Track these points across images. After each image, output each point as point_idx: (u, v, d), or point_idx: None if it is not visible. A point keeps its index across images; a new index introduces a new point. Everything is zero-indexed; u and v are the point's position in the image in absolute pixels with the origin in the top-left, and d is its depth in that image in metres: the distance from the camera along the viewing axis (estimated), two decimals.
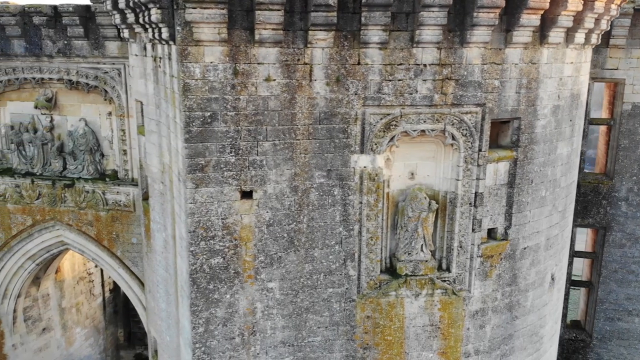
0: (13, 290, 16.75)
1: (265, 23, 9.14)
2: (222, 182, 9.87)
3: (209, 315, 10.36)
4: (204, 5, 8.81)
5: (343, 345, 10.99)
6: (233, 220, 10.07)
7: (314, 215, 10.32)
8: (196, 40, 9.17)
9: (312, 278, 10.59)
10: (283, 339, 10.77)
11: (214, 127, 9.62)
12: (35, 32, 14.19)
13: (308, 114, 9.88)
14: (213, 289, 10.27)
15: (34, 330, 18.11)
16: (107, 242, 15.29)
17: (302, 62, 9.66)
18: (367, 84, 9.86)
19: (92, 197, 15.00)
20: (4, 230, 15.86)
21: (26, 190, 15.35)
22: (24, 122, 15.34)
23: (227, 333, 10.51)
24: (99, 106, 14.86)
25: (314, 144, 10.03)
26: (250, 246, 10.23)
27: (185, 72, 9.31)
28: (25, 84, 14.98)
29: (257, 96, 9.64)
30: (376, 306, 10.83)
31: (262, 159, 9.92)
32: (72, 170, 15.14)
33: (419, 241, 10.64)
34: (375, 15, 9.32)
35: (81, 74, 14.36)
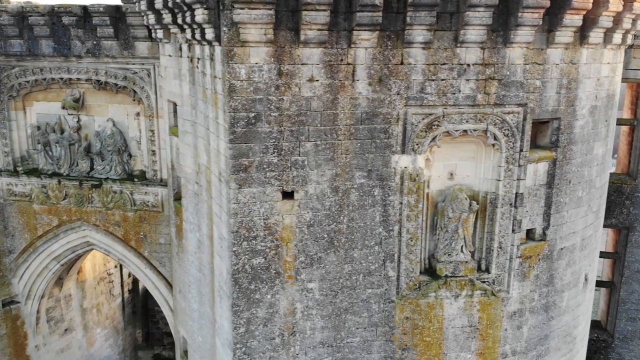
0: (37, 291, 16.71)
1: (311, 23, 9.11)
2: (264, 183, 9.84)
3: (250, 316, 10.34)
4: (252, 5, 8.78)
5: (381, 346, 10.96)
6: (275, 220, 10.04)
7: (354, 215, 10.30)
8: (242, 41, 9.14)
9: (351, 279, 10.57)
10: (322, 340, 10.74)
11: (257, 128, 9.59)
12: (64, 32, 14.15)
13: (350, 114, 9.85)
14: (254, 289, 10.24)
15: (57, 331, 18.08)
16: (135, 242, 15.26)
17: (345, 63, 9.63)
18: (410, 84, 9.83)
19: (119, 198, 14.97)
20: (30, 231, 15.82)
21: (52, 190, 15.31)
22: (50, 123, 15.31)
23: (267, 333, 10.48)
24: (127, 106, 14.83)
25: (355, 144, 10.01)
26: (291, 246, 10.21)
27: (231, 73, 9.29)
28: (52, 84, 14.94)
29: (300, 97, 9.62)
30: (415, 307, 10.80)
31: (303, 160, 9.89)
32: (100, 170, 15.10)
33: (459, 242, 10.62)
34: (421, 15, 9.29)
35: (110, 74, 14.33)
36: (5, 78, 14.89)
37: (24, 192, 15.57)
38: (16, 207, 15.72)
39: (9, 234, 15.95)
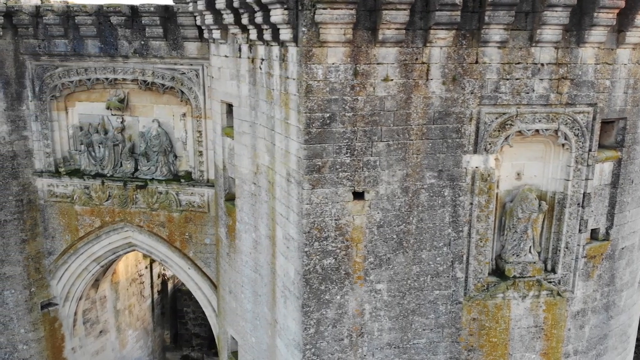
0: (75, 293, 16.54)
1: (390, 23, 9.01)
2: (336, 183, 9.73)
3: (320, 316, 10.22)
4: (335, 5, 8.68)
5: (447, 347, 10.87)
6: (345, 221, 9.93)
7: (423, 216, 10.20)
8: (322, 41, 9.03)
9: (419, 280, 10.47)
10: (389, 341, 10.63)
11: (332, 128, 9.48)
12: (111, 32, 13.99)
13: (423, 113, 9.76)
14: (324, 289, 10.13)
15: (92, 333, 17.90)
16: (180, 243, 15.11)
17: (420, 62, 9.54)
18: (484, 83, 9.75)
19: (165, 198, 14.82)
20: (71, 232, 15.65)
21: (96, 191, 15.14)
22: (93, 123, 15.14)
23: (336, 334, 10.37)
24: (173, 107, 14.69)
25: (427, 144, 9.92)
26: (361, 247, 10.10)
27: (308, 74, 9.17)
28: (96, 85, 14.78)
29: (375, 96, 9.51)
30: (483, 308, 10.71)
31: (375, 160, 9.79)
32: (145, 171, 14.94)
33: (527, 242, 10.54)
34: (499, 15, 9.21)
35: (157, 74, 14.18)
36: (48, 78, 14.71)
37: (65, 193, 15.39)
38: (57, 208, 15.54)
39: (49, 235, 15.76)
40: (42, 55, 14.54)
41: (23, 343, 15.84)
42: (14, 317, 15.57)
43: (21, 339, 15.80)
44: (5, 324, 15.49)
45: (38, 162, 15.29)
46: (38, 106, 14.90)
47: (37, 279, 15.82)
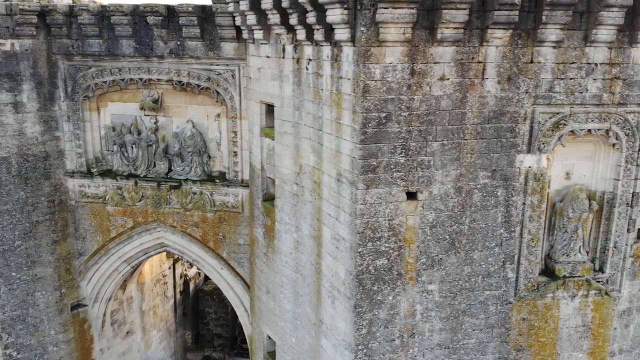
0: (105, 294, 16.36)
1: (449, 22, 8.91)
2: (390, 183, 9.61)
3: (372, 317, 10.10)
4: (397, 5, 8.57)
5: (496, 348, 10.77)
6: (399, 221, 9.81)
7: (476, 216, 10.10)
8: (380, 41, 8.92)
9: (470, 280, 10.36)
10: (439, 341, 10.52)
11: (387, 128, 9.36)
12: (147, 32, 13.82)
13: (477, 113, 9.66)
14: (377, 290, 10.01)
15: (119, 333, 17.72)
16: (213, 243, 14.96)
17: (476, 61, 9.44)
18: (539, 83, 9.67)
19: (199, 199, 14.67)
20: (102, 233, 15.47)
21: (128, 192, 14.97)
22: (125, 124, 14.97)
23: (388, 335, 10.25)
24: (207, 108, 14.54)
25: (481, 144, 9.81)
26: (414, 248, 9.99)
27: (366, 74, 9.05)
28: (129, 85, 14.60)
29: (430, 95, 9.41)
30: (532, 308, 10.62)
31: (430, 160, 9.67)
32: (179, 171, 14.78)
33: (577, 242, 10.46)
34: (557, 15, 9.12)
35: (193, 75, 14.02)
36: (81, 78, 14.53)
37: (97, 194, 15.21)
38: (88, 209, 15.36)
39: (79, 236, 15.58)
40: (75, 55, 14.35)
41: (53, 345, 15.64)
42: (45, 319, 15.37)
43: (51, 341, 15.60)
44: (36, 325, 15.29)
45: (69, 163, 15.10)
46: (70, 106, 14.71)
47: (67, 280, 15.63)
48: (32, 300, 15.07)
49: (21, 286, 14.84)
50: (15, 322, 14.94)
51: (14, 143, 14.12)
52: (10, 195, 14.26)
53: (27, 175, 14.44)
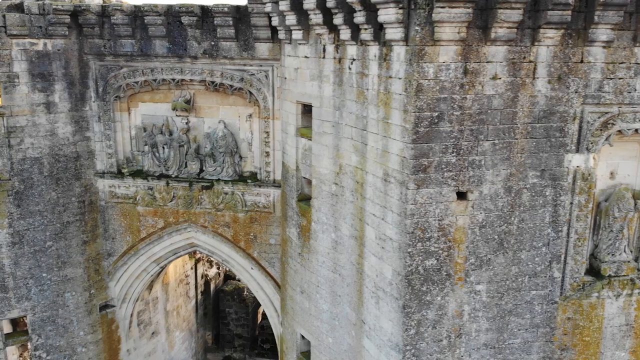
0: (133, 294, 16.18)
1: (504, 21, 8.79)
2: (441, 183, 9.48)
3: (421, 317, 9.96)
4: (454, 4, 8.44)
5: (541, 347, 10.65)
6: (448, 221, 9.68)
7: (524, 216, 9.98)
8: (435, 40, 8.79)
9: (517, 280, 10.24)
10: (486, 341, 10.40)
11: (439, 128, 9.24)
12: (180, 32, 13.66)
13: (528, 112, 9.55)
14: (426, 290, 9.87)
15: (145, 334, 17.54)
16: (244, 243, 14.81)
17: (527, 60, 9.33)
18: (588, 82, 9.56)
19: (231, 199, 14.52)
20: (132, 233, 15.29)
21: (160, 192, 14.80)
22: (156, 124, 14.81)
23: (435, 335, 10.11)
24: (239, 108, 14.39)
25: (531, 143, 9.70)
26: (463, 248, 9.86)
27: (419, 73, 8.92)
28: (161, 86, 14.44)
29: (483, 95, 9.29)
30: (577, 308, 10.51)
31: (480, 159, 9.55)
32: (211, 172, 14.62)
33: (623, 242, 10.36)
34: (608, 15, 9.02)
35: (226, 75, 13.86)
36: (113, 78, 14.36)
37: (127, 194, 15.04)
38: (118, 209, 15.18)
39: (109, 236, 15.40)
40: (107, 55, 14.17)
41: (82, 346, 15.44)
42: (74, 320, 15.17)
43: (80, 342, 15.39)
44: (65, 326, 15.08)
45: (100, 163, 14.92)
46: (101, 107, 14.53)
47: (96, 280, 15.44)
48: (62, 301, 14.87)
49: (51, 287, 14.64)
50: (45, 323, 14.74)
51: (46, 143, 13.93)
52: (41, 196, 14.07)
53: (58, 175, 14.25)
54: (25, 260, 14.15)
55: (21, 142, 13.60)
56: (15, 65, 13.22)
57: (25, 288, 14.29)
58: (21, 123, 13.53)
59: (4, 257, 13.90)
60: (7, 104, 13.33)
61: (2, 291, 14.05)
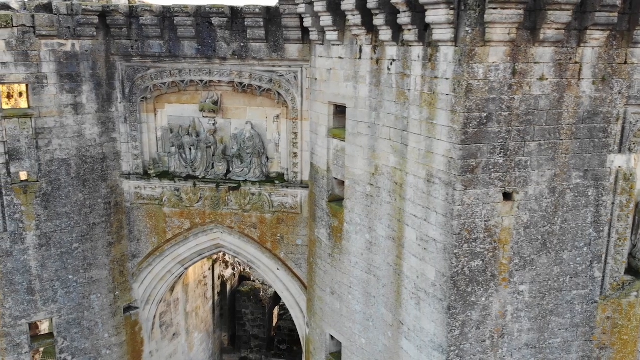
0: (157, 296, 15.96)
1: (553, 23, 8.73)
2: (488, 184, 9.39)
3: (465, 318, 9.87)
4: (506, 5, 8.36)
5: (580, 346, 10.59)
6: (494, 222, 9.59)
7: (567, 216, 9.92)
8: (486, 41, 8.70)
9: (558, 280, 10.18)
10: (527, 341, 10.32)
11: (487, 128, 9.15)
12: (209, 33, 13.48)
13: (573, 113, 9.49)
14: (471, 292, 9.78)
15: (167, 336, 17.33)
16: (271, 244, 14.64)
17: (573, 62, 9.27)
18: (632, 83, 9.54)
19: (258, 200, 14.35)
20: (158, 235, 15.08)
21: (187, 193, 14.61)
22: (183, 125, 14.61)
23: (479, 336, 10.02)
24: (266, 109, 14.23)
25: (575, 144, 9.65)
26: (507, 249, 9.77)
27: (469, 73, 8.83)
28: (188, 87, 14.25)
29: (530, 95, 9.21)
30: (617, 307, 10.47)
31: (527, 160, 9.48)
32: (238, 173, 14.45)
33: None
34: None
35: (255, 76, 13.70)
36: (140, 80, 14.15)
37: (153, 195, 14.83)
38: (144, 210, 14.96)
39: (134, 238, 15.18)
40: (134, 56, 13.96)
41: (106, 348, 15.21)
42: (99, 322, 14.93)
43: (105, 344, 15.16)
44: (90, 328, 14.84)
45: (125, 164, 14.70)
46: (127, 108, 14.32)
47: (121, 282, 15.21)
48: (87, 304, 14.64)
49: (77, 289, 14.40)
50: (70, 326, 14.50)
51: (73, 145, 13.70)
52: (69, 198, 13.83)
53: (85, 177, 14.01)
54: (52, 262, 13.91)
55: (49, 143, 13.36)
56: (44, 66, 12.98)
57: (51, 290, 14.04)
58: (49, 124, 13.29)
59: (31, 259, 13.64)
60: (36, 105, 13.09)
61: (29, 294, 13.79)
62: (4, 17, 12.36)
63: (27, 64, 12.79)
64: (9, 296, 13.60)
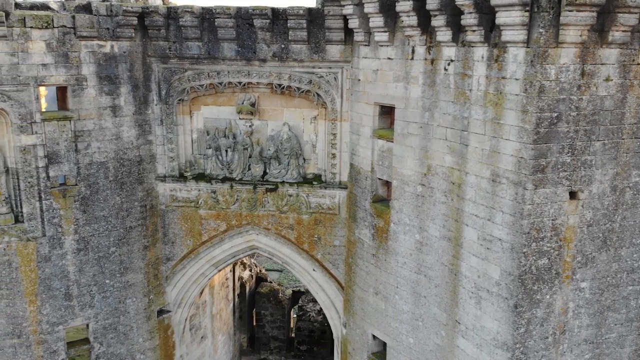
0: (189, 299, 15.66)
1: (622, 25, 8.80)
2: (556, 183, 9.40)
3: (530, 316, 9.86)
4: (581, 8, 8.37)
5: (634, 340, 10.70)
6: (561, 221, 9.61)
7: (626, 214, 10.00)
8: (558, 42, 8.71)
9: (616, 277, 10.25)
10: (586, 337, 10.38)
11: (557, 128, 9.16)
12: (249, 34, 13.26)
13: (634, 113, 9.58)
14: (536, 289, 9.78)
15: (196, 339, 17.02)
16: (308, 245, 14.48)
17: (636, 63, 9.34)
18: None
19: (295, 201, 14.18)
20: (193, 237, 14.78)
21: (223, 195, 14.36)
22: (219, 127, 14.36)
23: (542, 333, 10.03)
24: (303, 110, 14.07)
25: (635, 143, 9.74)
26: (571, 247, 9.80)
27: (542, 74, 8.83)
28: (226, 89, 14.00)
29: (596, 96, 9.25)
30: None
31: (592, 159, 9.52)
32: (275, 174, 14.25)
33: None
34: None
35: (294, 78, 13.51)
36: (177, 81, 13.85)
37: (188, 198, 14.54)
38: (179, 213, 14.65)
39: (168, 241, 14.86)
40: (171, 57, 13.66)
41: (141, 353, 14.85)
42: (134, 326, 14.57)
43: (139, 349, 14.80)
44: (126, 333, 14.46)
45: (161, 167, 14.37)
46: (164, 110, 14.00)
47: (155, 285, 14.87)
48: (123, 308, 14.26)
49: (114, 294, 14.02)
50: (107, 331, 14.11)
51: (111, 147, 13.34)
52: (107, 201, 13.45)
53: (122, 180, 13.66)
54: (89, 267, 13.52)
55: (88, 146, 12.98)
56: (84, 67, 12.60)
57: (88, 295, 13.64)
58: (88, 127, 12.91)
59: (69, 264, 13.23)
60: (75, 107, 12.70)
61: (66, 299, 13.37)
62: (45, 17, 11.97)
63: (67, 65, 12.41)
64: (46, 302, 13.17)
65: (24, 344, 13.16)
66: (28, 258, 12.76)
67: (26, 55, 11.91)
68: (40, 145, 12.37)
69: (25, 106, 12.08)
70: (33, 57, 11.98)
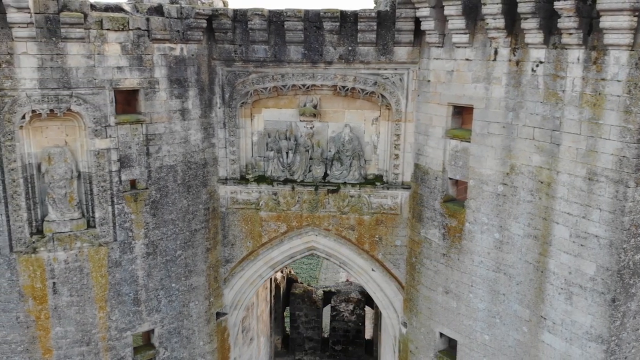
0: (245, 301, 15.41)
1: None
2: None
3: (625, 309, 10.00)
4: None
5: None
6: None
7: None
8: None
9: None
10: None
11: None
12: (316, 37, 13.11)
13: None
14: (632, 283, 9.92)
15: (246, 341, 16.77)
16: (368, 245, 14.40)
17: None
18: None
19: (357, 202, 14.09)
20: (253, 239, 14.55)
21: (284, 197, 14.18)
22: (280, 129, 14.18)
23: (635, 324, 10.18)
24: (365, 112, 13.99)
25: None
26: None
27: None
28: (289, 91, 13.83)
29: None
30: None
31: None
32: (337, 175, 14.13)
33: None
34: None
35: (359, 80, 13.42)
36: (240, 85, 13.62)
37: (249, 200, 14.31)
38: (239, 215, 14.41)
39: (228, 243, 14.59)
40: (236, 61, 13.41)
41: (201, 356, 14.54)
42: (196, 330, 14.27)
43: (199, 352, 14.50)
44: (188, 337, 14.15)
45: (222, 170, 14.11)
46: (227, 113, 13.76)
47: (215, 288, 14.59)
48: (187, 312, 13.95)
49: (179, 297, 13.71)
50: (171, 335, 13.78)
51: (180, 151, 13.03)
52: (175, 205, 13.14)
53: (189, 183, 13.37)
54: (157, 271, 13.18)
55: (159, 149, 12.65)
56: (156, 70, 12.29)
57: (155, 300, 13.30)
58: (159, 130, 12.59)
59: (138, 268, 12.88)
60: (147, 110, 12.37)
61: (134, 304, 13.00)
62: (121, 20, 11.62)
63: (141, 68, 12.07)
64: (115, 308, 12.79)
65: (92, 351, 12.75)
66: (99, 264, 12.37)
67: (102, 58, 11.55)
68: (113, 149, 12.01)
69: (100, 109, 11.71)
70: (109, 60, 11.62)
